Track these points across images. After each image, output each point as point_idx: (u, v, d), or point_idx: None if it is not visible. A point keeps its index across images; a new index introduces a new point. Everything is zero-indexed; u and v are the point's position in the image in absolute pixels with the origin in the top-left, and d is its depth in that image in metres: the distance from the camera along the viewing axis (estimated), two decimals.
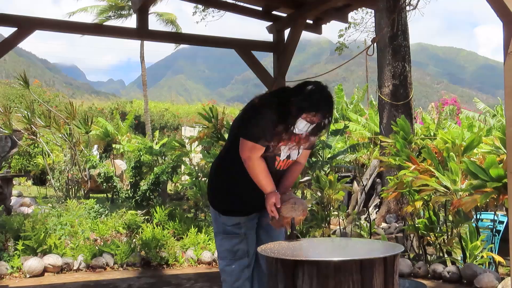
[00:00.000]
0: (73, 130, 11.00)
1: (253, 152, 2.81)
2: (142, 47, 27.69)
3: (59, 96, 25.31)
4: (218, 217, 3.07)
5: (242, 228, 3.03)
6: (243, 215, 3.02)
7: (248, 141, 2.81)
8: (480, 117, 16.78)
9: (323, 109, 2.75)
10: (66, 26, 5.37)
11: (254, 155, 2.82)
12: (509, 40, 3.26)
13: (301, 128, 2.75)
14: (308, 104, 2.72)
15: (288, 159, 2.99)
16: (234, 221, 3.02)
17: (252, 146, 2.80)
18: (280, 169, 3.00)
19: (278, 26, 5.86)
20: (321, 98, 2.77)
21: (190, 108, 35.06)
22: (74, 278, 5.45)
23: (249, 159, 2.83)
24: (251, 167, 2.85)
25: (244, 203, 3.00)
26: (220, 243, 3.09)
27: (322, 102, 2.76)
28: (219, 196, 3.10)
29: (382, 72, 9.45)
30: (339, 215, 7.31)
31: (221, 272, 3.11)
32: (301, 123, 2.73)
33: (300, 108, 2.71)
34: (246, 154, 2.83)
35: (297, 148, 2.94)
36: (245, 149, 2.83)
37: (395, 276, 2.33)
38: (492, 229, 5.98)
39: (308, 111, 2.72)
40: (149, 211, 8.53)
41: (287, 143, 2.86)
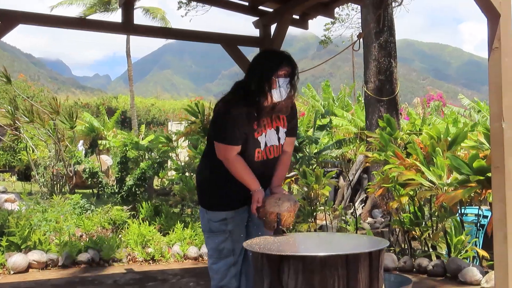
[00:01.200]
0: (57, 125, 10.89)
1: (227, 153, 2.88)
2: (128, 41, 27.53)
3: (44, 91, 25.05)
4: (205, 214, 3.07)
5: (229, 225, 3.01)
6: (230, 209, 3.01)
7: (220, 144, 2.90)
8: (466, 113, 16.89)
9: (284, 58, 2.87)
10: (50, 20, 5.31)
11: (230, 155, 2.88)
12: (494, 36, 3.29)
13: (281, 90, 2.83)
14: (270, 63, 2.87)
15: (269, 146, 2.98)
16: (221, 217, 3.00)
17: (224, 148, 2.88)
18: (264, 159, 2.99)
19: (265, 21, 5.84)
20: (273, 53, 3.00)
21: (176, 103, 34.95)
22: (59, 274, 5.41)
23: (226, 160, 2.89)
24: (231, 168, 2.90)
25: (230, 196, 2.98)
26: (207, 241, 3.10)
27: (277, 55, 2.93)
28: (206, 191, 3.09)
29: (368, 67, 9.49)
30: (325, 210, 7.33)
31: (209, 269, 3.12)
32: (280, 87, 2.82)
33: (267, 72, 2.83)
34: (222, 156, 2.91)
35: (273, 124, 2.97)
36: (220, 152, 2.91)
37: (380, 270, 2.34)
38: (476, 223, 6.03)
39: (276, 69, 2.83)
40: (135, 206, 8.50)
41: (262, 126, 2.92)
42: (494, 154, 3.37)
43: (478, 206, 6.08)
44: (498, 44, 3.28)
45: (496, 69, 3.29)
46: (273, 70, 2.84)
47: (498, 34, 3.28)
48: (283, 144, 3.07)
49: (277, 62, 2.88)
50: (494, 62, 3.30)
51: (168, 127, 20.42)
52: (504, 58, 3.26)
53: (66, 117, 10.85)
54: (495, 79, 3.30)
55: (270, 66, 2.87)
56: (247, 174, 2.90)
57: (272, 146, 3.00)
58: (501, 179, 3.29)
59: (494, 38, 3.30)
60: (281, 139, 3.04)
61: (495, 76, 3.30)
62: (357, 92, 20.77)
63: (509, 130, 3.27)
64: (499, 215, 3.31)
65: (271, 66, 2.86)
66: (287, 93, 2.86)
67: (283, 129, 3.04)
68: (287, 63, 2.87)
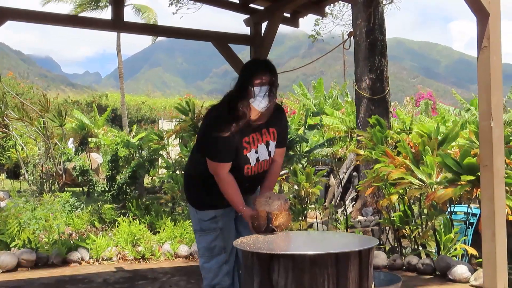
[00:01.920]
0: (47, 123, 10.82)
1: (219, 170, 2.88)
2: (118, 39, 27.39)
3: (33, 88, 24.87)
4: (195, 214, 3.08)
5: (219, 222, 3.02)
6: (220, 207, 3.01)
7: (212, 162, 2.90)
8: (455, 111, 17.00)
9: (259, 66, 2.89)
10: (39, 16, 5.25)
11: (221, 173, 2.88)
12: (483, 35, 3.31)
13: (260, 100, 2.80)
14: (247, 73, 2.89)
15: (261, 161, 2.98)
16: (211, 215, 3.01)
17: (215, 165, 2.88)
18: (254, 173, 2.99)
19: (255, 19, 5.84)
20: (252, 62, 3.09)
21: (167, 101, 34.87)
22: (49, 273, 5.38)
23: (217, 176, 2.89)
24: (221, 185, 2.90)
25: (219, 195, 2.96)
26: (198, 240, 3.11)
27: (254, 64, 3.03)
28: (195, 191, 3.10)
29: (359, 66, 9.51)
30: (316, 209, 7.35)
31: (200, 269, 3.12)
32: (257, 96, 2.80)
33: (244, 82, 2.84)
34: (213, 172, 2.91)
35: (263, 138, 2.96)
36: (211, 168, 2.92)
37: (370, 269, 2.35)
38: (465, 221, 6.07)
39: (251, 78, 2.82)
40: (125, 205, 8.46)
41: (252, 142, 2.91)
42: (483, 153, 3.39)
43: (467, 204, 6.11)
44: (487, 43, 3.30)
45: (485, 68, 3.32)
46: (248, 79, 2.83)
47: (487, 33, 3.30)
48: (273, 156, 3.06)
49: (252, 70, 2.88)
50: (483, 61, 3.33)
51: (159, 125, 20.37)
52: (493, 57, 3.28)
53: (56, 114, 10.79)
54: (484, 78, 3.32)
55: (246, 75, 2.87)
56: (236, 196, 2.89)
57: (264, 160, 3.00)
58: (489, 178, 3.31)
59: (483, 37, 3.32)
60: (271, 153, 3.03)
61: (484, 75, 3.32)
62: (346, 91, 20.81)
63: (498, 129, 3.30)
64: (487, 213, 3.33)
65: (246, 76, 2.86)
66: (267, 102, 2.82)
67: (273, 143, 3.02)
68: (262, 71, 2.84)
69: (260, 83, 2.81)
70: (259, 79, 2.81)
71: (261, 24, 5.87)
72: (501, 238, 3.30)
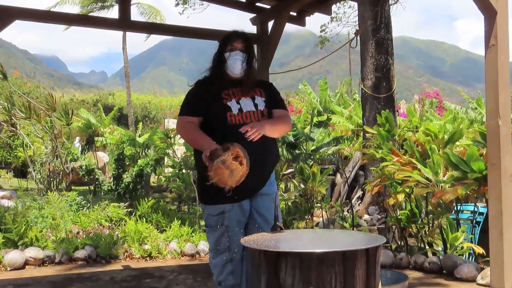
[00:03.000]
0: (54, 122, 10.87)
1: (179, 121, 3.09)
2: (124, 38, 27.45)
3: (39, 88, 24.97)
4: (204, 209, 3.11)
5: (225, 220, 3.02)
6: (229, 202, 2.99)
7: (178, 118, 3.15)
8: (462, 110, 16.94)
9: (230, 35, 3.18)
10: (46, 16, 5.29)
11: (181, 123, 3.07)
12: (490, 33, 3.30)
13: (232, 65, 3.09)
14: (221, 42, 3.19)
15: (245, 112, 3.03)
16: (218, 210, 3.02)
17: (179, 120, 3.12)
18: (241, 122, 2.98)
19: (262, 18, 5.84)
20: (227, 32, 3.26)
21: (173, 100, 34.94)
22: (56, 271, 5.40)
23: (177, 128, 3.12)
24: (183, 133, 3.08)
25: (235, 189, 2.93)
26: (207, 236, 3.15)
27: (227, 33, 3.23)
28: (203, 184, 3.08)
29: (365, 65, 9.49)
30: (322, 207, 7.34)
31: (209, 264, 3.17)
32: (228, 61, 3.10)
33: (218, 50, 3.16)
34: (178, 130, 3.13)
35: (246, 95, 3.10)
36: (177, 127, 3.17)
37: (377, 267, 2.35)
38: (472, 220, 6.05)
39: (224, 46, 3.14)
40: (132, 203, 8.49)
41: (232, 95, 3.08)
42: (490, 151, 3.38)
43: (474, 203, 6.10)
44: (494, 42, 3.29)
45: (492, 67, 3.31)
46: (221, 46, 3.16)
47: (494, 31, 3.29)
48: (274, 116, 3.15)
49: (224, 39, 3.19)
50: (491, 60, 3.32)
51: (165, 123, 20.40)
52: (501, 56, 3.27)
53: (62, 113, 10.83)
54: (492, 77, 3.31)
55: (220, 44, 3.19)
56: (197, 132, 2.99)
57: (249, 112, 3.05)
58: (497, 176, 3.31)
59: (491, 36, 3.31)
60: (259, 105, 3.10)
61: (492, 74, 3.31)
62: (353, 89, 20.77)
63: (505, 128, 3.29)
64: (494, 212, 3.33)
65: (220, 45, 3.18)
66: (240, 67, 3.09)
67: (260, 98, 3.14)
68: (232, 38, 3.15)
69: (230, 49, 3.11)
70: (230, 45, 3.12)
71: (267, 23, 5.88)
72: (509, 237, 3.30)
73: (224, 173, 2.66)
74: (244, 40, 3.15)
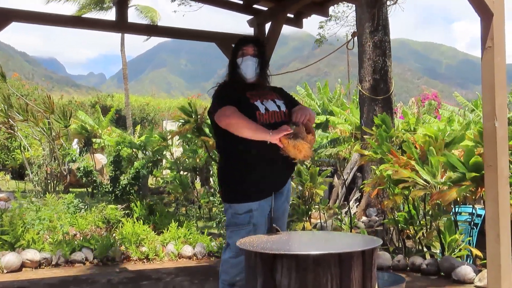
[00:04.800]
0: (52, 124, 10.86)
1: (227, 111, 2.96)
2: (122, 40, 27.46)
3: (38, 90, 24.94)
4: (229, 209, 3.10)
5: (253, 218, 3.02)
6: (256, 199, 3.02)
7: (219, 110, 3.01)
8: (460, 112, 16.96)
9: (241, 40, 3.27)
10: (43, 18, 5.26)
11: (230, 112, 2.95)
12: (487, 35, 3.29)
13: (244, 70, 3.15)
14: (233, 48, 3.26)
15: (271, 111, 3.08)
16: (246, 208, 3.01)
17: (223, 110, 2.98)
18: (270, 122, 3.04)
19: (259, 20, 5.84)
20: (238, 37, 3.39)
21: (171, 102, 34.90)
22: (53, 273, 5.39)
23: (228, 117, 2.95)
24: (236, 123, 2.93)
25: (255, 185, 3.02)
26: (229, 236, 3.11)
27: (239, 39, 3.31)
28: (230, 184, 3.11)
29: (363, 66, 9.49)
30: (320, 209, 7.34)
31: (223, 263, 3.12)
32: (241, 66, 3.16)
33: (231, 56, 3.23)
34: (224, 121, 2.98)
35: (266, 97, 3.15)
36: (221, 117, 2.99)
37: (373, 269, 2.34)
38: (470, 222, 6.05)
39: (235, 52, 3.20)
40: (129, 205, 8.48)
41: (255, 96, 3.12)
42: (487, 153, 3.38)
43: (471, 205, 6.09)
44: (491, 43, 3.28)
45: (489, 68, 3.30)
46: (234, 52, 3.22)
47: (491, 33, 3.29)
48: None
49: (236, 45, 3.26)
50: (487, 61, 3.31)
51: (163, 125, 20.40)
52: (497, 57, 3.27)
53: (61, 115, 10.82)
54: (488, 78, 3.31)
55: (233, 49, 3.25)
56: (255, 124, 2.93)
57: (274, 111, 3.09)
58: (494, 178, 3.30)
59: (487, 37, 3.31)
60: (281, 107, 3.14)
61: (488, 75, 3.31)
62: (352, 91, 20.78)
63: (502, 129, 3.29)
64: (491, 214, 3.32)
65: (233, 49, 3.25)
66: (253, 72, 3.15)
67: (279, 100, 3.18)
68: (243, 44, 3.21)
69: (241, 54, 3.17)
70: (241, 50, 3.18)
71: (264, 25, 5.86)
72: (506, 239, 3.29)
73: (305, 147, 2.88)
74: (255, 45, 3.22)
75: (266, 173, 3.03)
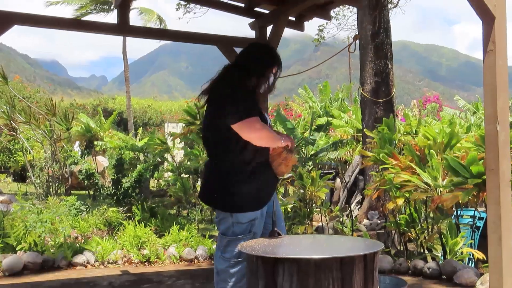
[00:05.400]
0: (53, 126, 10.87)
1: (258, 123, 2.92)
2: (124, 43, 27.47)
3: (39, 92, 24.99)
4: (229, 218, 3.03)
5: (253, 226, 3.02)
6: (259, 207, 3.05)
7: (246, 120, 2.89)
8: (461, 115, 16.94)
9: (279, 59, 3.26)
10: (45, 21, 5.28)
11: (259, 125, 2.93)
12: (488, 38, 3.29)
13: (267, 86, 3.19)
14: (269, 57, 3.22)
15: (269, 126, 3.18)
16: (250, 217, 3.00)
17: (256, 121, 2.91)
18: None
19: (261, 23, 5.85)
20: (273, 51, 3.31)
21: (173, 104, 34.95)
22: (54, 276, 5.39)
23: (259, 130, 2.92)
24: (265, 135, 2.96)
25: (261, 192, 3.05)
26: (227, 245, 3.04)
27: (275, 55, 3.27)
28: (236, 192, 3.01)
29: (364, 69, 9.49)
30: (321, 212, 7.33)
31: (220, 272, 3.06)
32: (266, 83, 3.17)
33: (266, 66, 3.17)
34: (254, 132, 2.92)
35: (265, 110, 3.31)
36: (251, 128, 2.90)
37: (375, 273, 2.34)
38: (472, 225, 6.04)
39: (272, 63, 3.19)
40: (131, 208, 8.48)
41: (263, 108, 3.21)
42: (488, 156, 3.38)
43: (473, 208, 6.09)
44: (492, 47, 3.29)
45: (490, 71, 3.30)
46: (269, 62, 3.18)
47: (493, 36, 3.29)
48: None
49: (275, 56, 3.25)
50: (489, 64, 3.31)
51: (165, 128, 20.40)
52: (499, 61, 3.27)
53: (62, 118, 10.83)
54: (490, 81, 3.31)
55: (268, 59, 3.20)
56: (273, 132, 3.07)
57: (270, 127, 3.19)
58: (495, 181, 3.30)
59: (489, 41, 3.31)
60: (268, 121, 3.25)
61: (490, 78, 3.31)
62: (353, 94, 20.78)
63: (504, 132, 3.28)
64: (493, 217, 3.31)
65: (268, 59, 3.20)
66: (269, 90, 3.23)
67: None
68: (279, 64, 3.23)
69: (273, 73, 3.20)
70: (274, 69, 3.20)
71: (266, 28, 5.87)
72: (507, 242, 3.29)
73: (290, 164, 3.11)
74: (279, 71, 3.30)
75: (270, 181, 3.09)
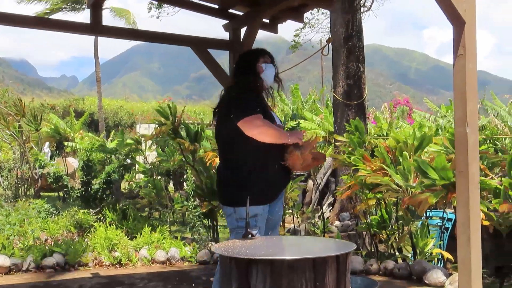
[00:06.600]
0: (22, 127, 10.67)
1: (259, 120, 2.99)
2: (96, 43, 27.14)
3: (8, 92, 24.47)
4: (232, 213, 3.12)
5: (258, 221, 3.08)
6: (265, 202, 3.10)
7: (247, 117, 2.99)
8: (431, 118, 17.22)
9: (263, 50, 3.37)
10: (10, 19, 5.14)
11: (260, 121, 2.99)
12: (459, 43, 3.35)
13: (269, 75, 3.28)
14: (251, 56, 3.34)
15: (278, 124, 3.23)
16: (255, 212, 3.04)
17: (257, 118, 3.00)
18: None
19: (235, 25, 5.85)
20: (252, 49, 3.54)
21: (145, 105, 34.59)
22: (23, 279, 5.29)
23: (260, 126, 2.99)
24: (266, 131, 3.01)
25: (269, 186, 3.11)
26: (236, 237, 3.09)
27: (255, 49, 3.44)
28: (242, 187, 3.09)
29: (337, 72, 9.57)
30: (293, 213, 7.35)
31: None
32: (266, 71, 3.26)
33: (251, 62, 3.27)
34: (256, 128, 2.99)
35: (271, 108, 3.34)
36: (251, 125, 2.99)
37: (347, 273, 2.36)
38: (441, 226, 6.14)
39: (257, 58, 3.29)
40: (101, 210, 8.37)
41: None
42: (458, 159, 3.43)
43: (442, 210, 6.19)
44: (463, 51, 3.34)
45: (460, 75, 3.36)
46: (254, 59, 3.28)
47: (463, 41, 3.35)
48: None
49: (256, 53, 3.36)
50: (459, 69, 3.37)
51: (136, 129, 20.23)
52: (469, 65, 3.33)
53: (31, 119, 10.65)
54: (460, 85, 3.37)
55: (251, 57, 3.32)
56: (279, 129, 3.10)
57: (279, 125, 3.24)
58: (465, 184, 3.35)
59: (459, 45, 3.36)
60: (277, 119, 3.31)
61: (460, 82, 3.37)
62: (325, 96, 20.94)
63: (473, 135, 3.34)
64: (462, 218, 3.37)
65: (252, 58, 3.31)
66: (274, 77, 3.30)
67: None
68: (263, 54, 3.34)
69: (264, 61, 3.28)
70: (263, 57, 3.30)
71: (240, 30, 5.88)
72: (476, 243, 3.34)
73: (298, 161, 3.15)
74: (270, 56, 3.38)
75: (276, 178, 3.14)
